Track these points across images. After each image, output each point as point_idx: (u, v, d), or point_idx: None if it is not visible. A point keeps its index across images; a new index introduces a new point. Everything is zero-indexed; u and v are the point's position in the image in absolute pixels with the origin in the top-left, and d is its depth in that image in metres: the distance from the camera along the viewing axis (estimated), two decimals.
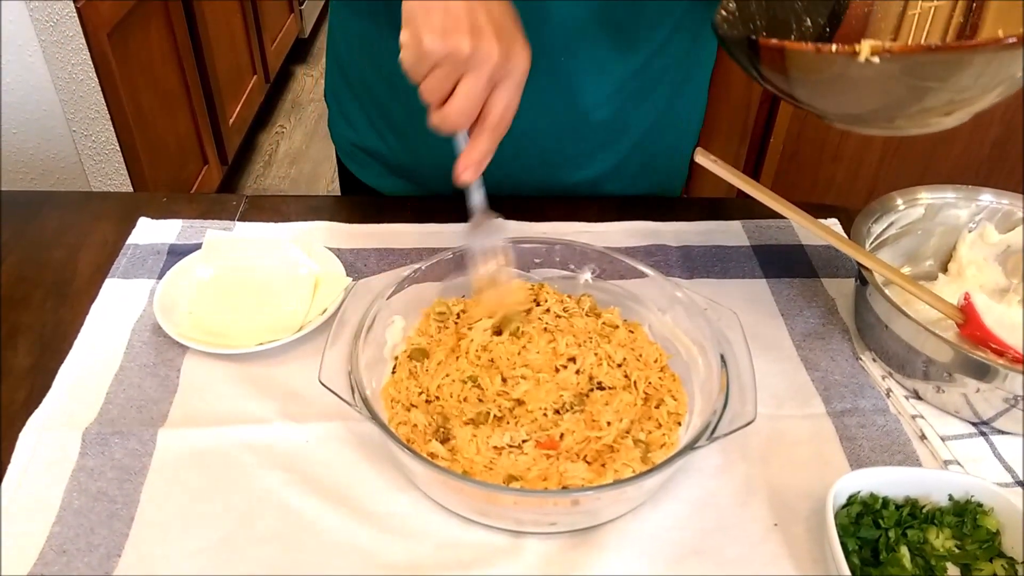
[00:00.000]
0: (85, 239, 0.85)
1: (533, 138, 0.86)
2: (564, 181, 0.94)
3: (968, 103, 0.55)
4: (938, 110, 0.56)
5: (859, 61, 0.50)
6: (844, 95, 0.58)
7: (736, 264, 0.85)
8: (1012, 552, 0.56)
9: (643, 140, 0.93)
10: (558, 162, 0.92)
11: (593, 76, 0.84)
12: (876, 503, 0.58)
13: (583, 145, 0.90)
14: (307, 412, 0.66)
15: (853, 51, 0.50)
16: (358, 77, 0.93)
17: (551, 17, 0.77)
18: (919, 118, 0.58)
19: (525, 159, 0.89)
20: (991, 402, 0.65)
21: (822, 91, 0.58)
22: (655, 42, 0.85)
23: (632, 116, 0.90)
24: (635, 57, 0.84)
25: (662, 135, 0.95)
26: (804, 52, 0.54)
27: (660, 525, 0.59)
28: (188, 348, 0.71)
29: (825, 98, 0.60)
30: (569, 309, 0.71)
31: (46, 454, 0.62)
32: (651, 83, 0.88)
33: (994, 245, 0.79)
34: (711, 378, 0.63)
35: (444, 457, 0.60)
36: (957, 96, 0.54)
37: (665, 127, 0.94)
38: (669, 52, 0.87)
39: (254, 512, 0.59)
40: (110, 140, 1.76)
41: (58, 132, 1.65)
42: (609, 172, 0.94)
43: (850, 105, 0.59)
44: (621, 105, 0.87)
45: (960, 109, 0.56)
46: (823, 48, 0.52)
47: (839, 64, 0.52)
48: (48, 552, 0.56)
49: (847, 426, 0.67)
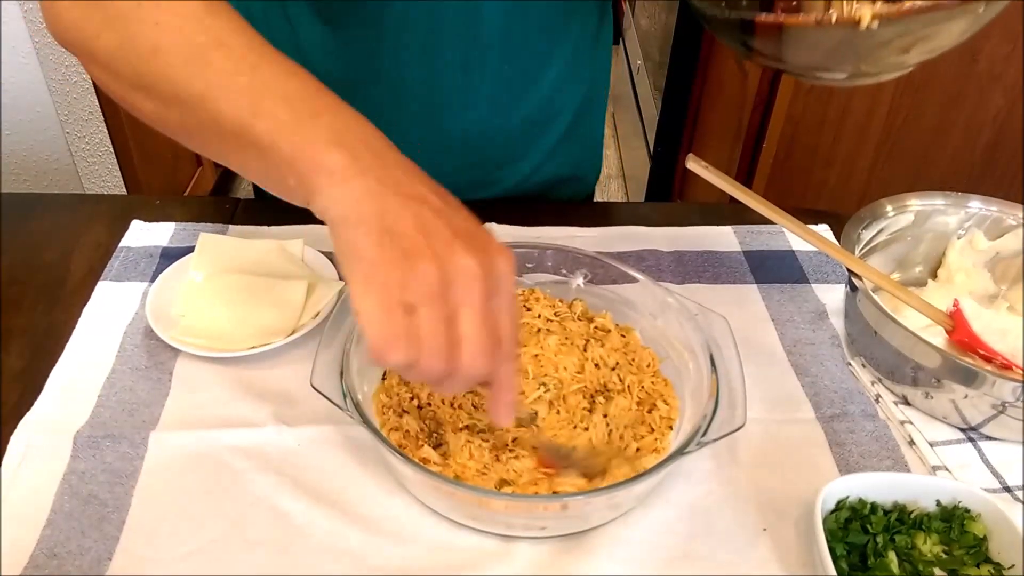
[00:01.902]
0: (78, 241, 0.85)
1: (468, 140, 0.88)
2: (503, 179, 0.95)
3: (934, 41, 0.57)
4: (906, 50, 0.58)
5: (860, 29, 0.52)
6: (835, 59, 0.59)
7: (727, 269, 0.85)
8: (999, 558, 0.56)
9: (571, 123, 0.94)
10: (498, 161, 0.93)
11: (529, 71, 0.85)
12: (864, 508, 0.58)
13: (520, 140, 0.92)
14: (299, 416, 0.66)
15: (855, 20, 0.52)
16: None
17: (487, 19, 0.78)
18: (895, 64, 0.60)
19: (464, 161, 0.90)
20: (979, 408, 0.65)
21: (811, 58, 0.60)
22: (578, 31, 0.87)
23: (559, 103, 0.91)
24: (565, 46, 0.86)
25: (585, 114, 0.97)
26: (804, 26, 0.55)
27: (650, 530, 0.60)
28: (180, 351, 0.71)
29: (812, 60, 0.61)
30: (560, 313, 0.72)
31: (37, 457, 0.62)
32: (576, 69, 0.90)
33: (983, 251, 0.79)
34: (701, 383, 0.63)
35: (436, 462, 0.60)
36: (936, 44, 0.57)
37: (588, 104, 0.96)
38: (586, 37, 0.89)
39: (245, 516, 0.59)
40: (104, 142, 1.76)
41: (51, 134, 1.65)
42: (543, 161, 0.95)
43: (839, 65, 0.60)
44: (552, 94, 0.89)
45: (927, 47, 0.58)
46: (823, 20, 0.54)
47: (839, 32, 0.54)
48: (39, 555, 0.56)
49: (836, 431, 0.68)
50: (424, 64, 0.81)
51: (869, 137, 1.67)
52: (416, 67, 0.81)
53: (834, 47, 0.57)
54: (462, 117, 0.86)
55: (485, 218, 0.88)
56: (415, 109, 0.85)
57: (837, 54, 0.58)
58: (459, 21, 0.78)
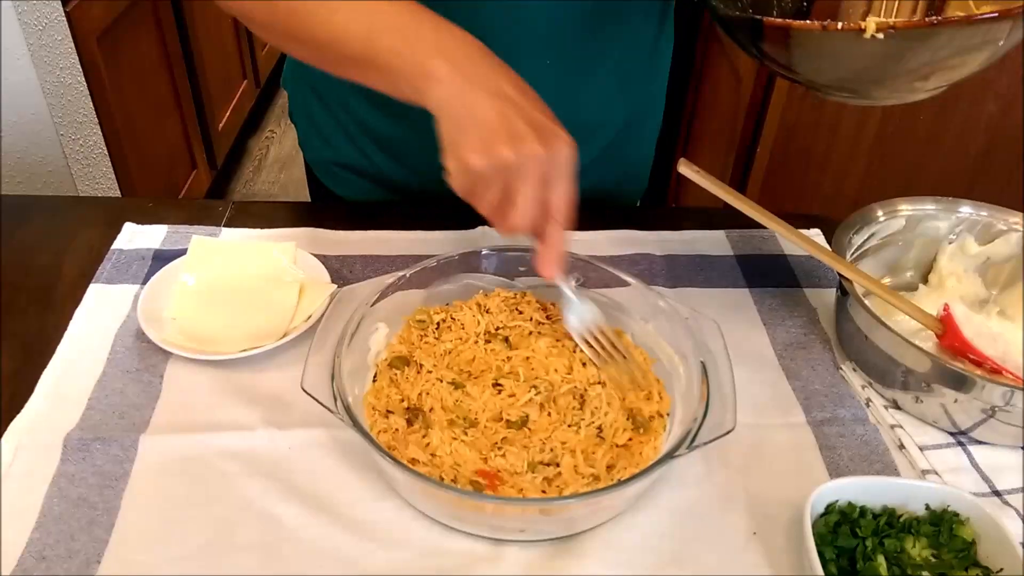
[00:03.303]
0: (70, 244, 0.85)
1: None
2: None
3: (955, 71, 0.58)
4: (924, 77, 0.59)
5: (865, 37, 0.52)
6: (844, 69, 0.60)
7: (720, 273, 0.85)
8: (987, 562, 0.56)
9: (618, 136, 0.94)
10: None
11: (575, 76, 0.84)
12: (854, 512, 0.58)
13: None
14: (290, 419, 0.66)
15: (859, 28, 0.52)
16: (331, 93, 0.91)
17: (529, 19, 0.78)
18: (906, 88, 0.61)
19: None
20: (969, 412, 0.65)
21: (820, 66, 0.61)
22: (631, 38, 0.86)
23: (605, 114, 0.91)
24: (613, 53, 0.85)
25: (635, 130, 0.96)
26: (810, 30, 0.55)
27: (641, 533, 0.60)
28: (172, 354, 0.71)
29: (821, 71, 0.62)
30: (552, 316, 0.72)
31: (27, 459, 0.62)
32: (626, 78, 0.89)
33: (974, 256, 0.79)
34: (692, 387, 0.64)
35: (425, 462, 0.60)
36: (945, 65, 0.57)
37: (640, 120, 0.96)
38: (641, 45, 0.88)
39: (236, 519, 0.59)
40: (98, 144, 1.76)
41: (46, 136, 1.65)
42: (581, 172, 0.95)
43: (850, 77, 0.61)
44: (597, 104, 0.88)
45: (946, 76, 0.59)
46: (829, 26, 0.55)
47: (844, 41, 0.54)
48: (27, 558, 0.56)
49: (827, 435, 0.68)
50: None
51: (862, 143, 1.67)
52: None
53: (850, 59, 0.57)
54: None
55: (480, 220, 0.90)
56: None
57: (852, 66, 0.58)
58: (500, 21, 0.77)
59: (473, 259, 0.75)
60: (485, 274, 0.75)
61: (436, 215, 0.89)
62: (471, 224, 0.88)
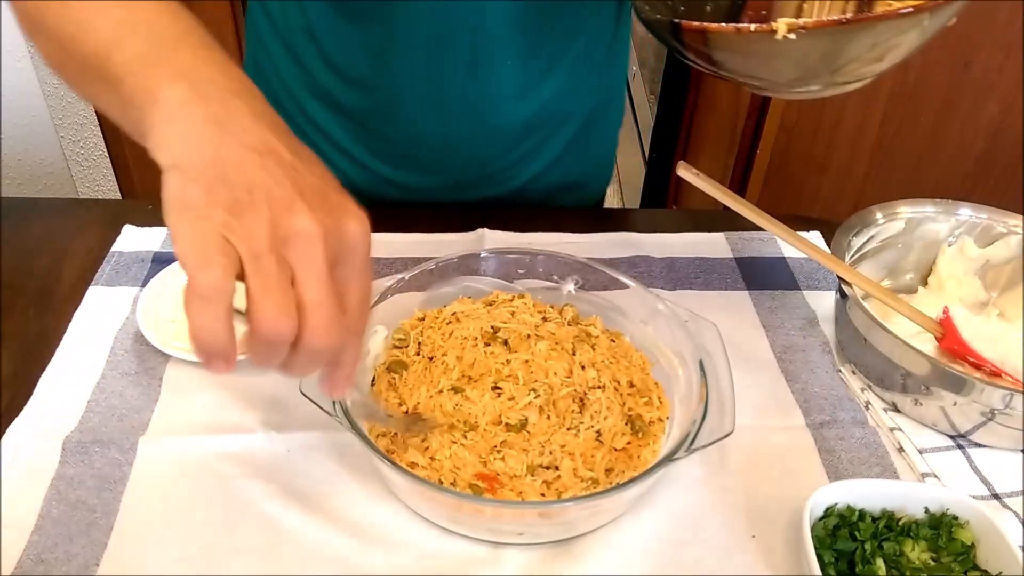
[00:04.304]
0: (70, 246, 0.85)
1: (474, 139, 0.88)
2: (507, 180, 0.95)
3: (879, 63, 0.58)
4: (850, 71, 0.59)
5: (777, 39, 0.53)
6: (766, 67, 0.60)
7: (719, 276, 0.85)
8: (987, 565, 0.56)
9: (582, 127, 0.95)
10: (503, 161, 0.93)
11: (538, 72, 0.85)
12: (853, 515, 0.58)
13: (527, 142, 0.92)
14: (289, 422, 0.66)
15: (771, 30, 0.53)
16: (290, 98, 0.90)
17: (492, 19, 0.79)
18: (832, 82, 0.61)
19: (470, 160, 0.90)
20: (968, 415, 0.65)
21: (744, 65, 0.61)
22: (591, 31, 0.87)
23: (569, 107, 0.91)
24: (575, 49, 0.86)
25: (598, 122, 0.97)
26: (725, 33, 0.56)
27: (640, 536, 0.60)
28: (171, 357, 0.71)
29: (748, 71, 0.62)
30: (550, 318, 0.72)
31: (26, 462, 0.62)
32: (587, 70, 0.90)
33: (973, 259, 0.79)
34: (691, 389, 0.63)
35: (424, 466, 0.60)
36: (864, 59, 0.58)
37: (601, 112, 0.96)
38: (600, 38, 0.89)
39: (234, 522, 0.59)
40: (98, 146, 1.76)
41: (46, 138, 1.65)
42: (550, 165, 0.96)
43: (773, 74, 0.62)
44: (561, 97, 0.89)
45: (872, 67, 0.59)
46: (743, 29, 0.55)
47: (759, 42, 0.55)
48: (26, 561, 0.56)
49: (826, 438, 0.68)
50: (432, 61, 0.81)
51: (863, 145, 1.67)
52: (423, 64, 0.82)
53: (769, 58, 0.58)
54: (469, 115, 0.86)
55: (479, 223, 0.90)
56: (422, 106, 0.85)
57: (773, 65, 0.59)
58: (466, 18, 0.78)
59: (472, 261, 0.75)
60: (484, 276, 0.75)
61: (435, 217, 0.89)
62: (470, 227, 0.88)
